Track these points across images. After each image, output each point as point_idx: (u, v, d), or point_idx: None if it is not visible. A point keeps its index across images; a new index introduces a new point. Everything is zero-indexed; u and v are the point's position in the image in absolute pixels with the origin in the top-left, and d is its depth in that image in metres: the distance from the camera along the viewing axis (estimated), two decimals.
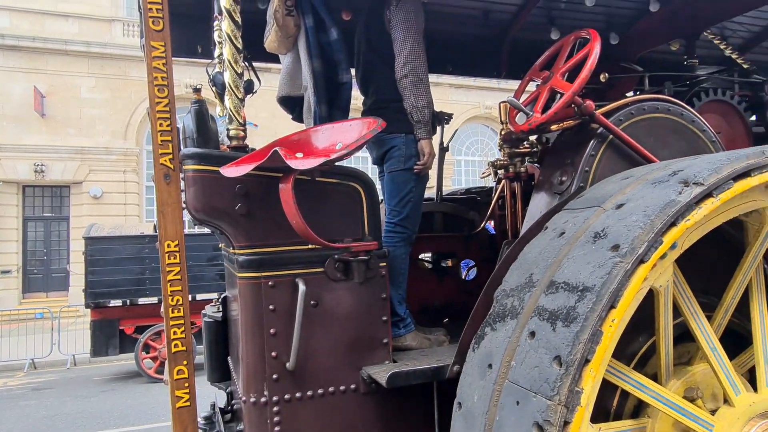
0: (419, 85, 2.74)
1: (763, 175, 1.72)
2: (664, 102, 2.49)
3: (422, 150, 2.79)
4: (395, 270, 2.81)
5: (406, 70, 2.73)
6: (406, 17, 2.75)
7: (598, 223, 1.77)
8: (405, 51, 2.74)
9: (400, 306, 2.80)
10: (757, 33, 4.39)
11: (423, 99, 2.75)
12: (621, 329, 1.59)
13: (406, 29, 2.74)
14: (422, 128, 2.78)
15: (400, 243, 2.85)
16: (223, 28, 2.24)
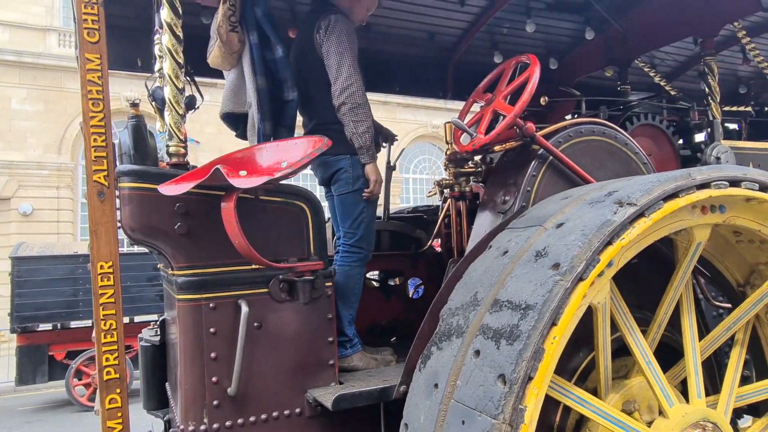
0: (357, 111, 2.70)
1: (690, 196, 1.82)
2: (600, 125, 2.60)
3: (368, 176, 2.76)
4: (349, 290, 2.79)
5: (343, 98, 2.69)
6: (338, 42, 2.71)
7: (540, 242, 1.81)
8: (340, 78, 2.70)
9: (349, 327, 2.77)
10: (683, 62, 4.70)
11: (362, 125, 2.70)
12: (562, 346, 1.62)
13: (339, 55, 2.70)
14: (365, 153, 2.75)
15: (356, 263, 2.84)
16: (163, 42, 2.17)
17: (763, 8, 3.09)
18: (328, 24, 2.74)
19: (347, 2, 2.97)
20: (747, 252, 2.27)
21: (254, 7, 2.61)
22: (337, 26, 2.73)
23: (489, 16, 3.74)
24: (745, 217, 2.03)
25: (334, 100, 2.74)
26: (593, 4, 3.59)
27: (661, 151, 3.37)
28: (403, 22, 3.79)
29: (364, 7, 3.04)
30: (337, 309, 2.62)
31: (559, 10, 3.80)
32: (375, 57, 4.04)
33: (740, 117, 4.06)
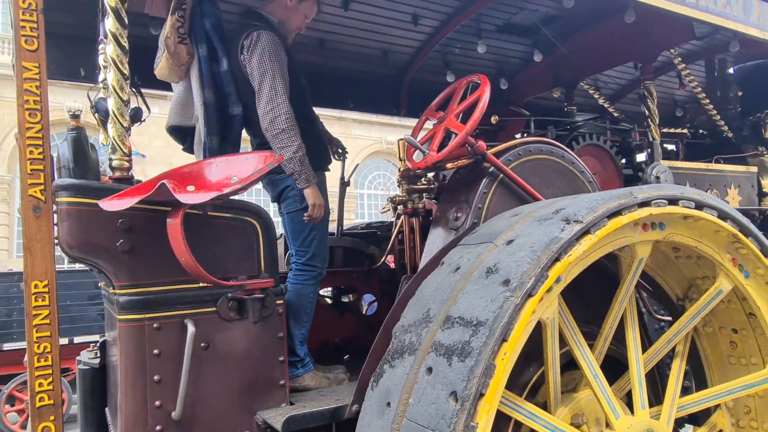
0: (281, 136, 2.55)
1: (632, 214, 1.89)
2: (548, 144, 2.67)
3: (307, 200, 2.64)
4: (301, 309, 2.73)
5: (266, 123, 2.57)
6: (259, 63, 2.58)
7: (491, 258, 1.83)
8: (262, 102, 2.57)
9: (301, 346, 2.71)
10: (624, 86, 4.93)
11: (287, 151, 2.54)
12: (513, 361, 1.64)
13: (261, 76, 2.57)
14: (298, 178, 2.60)
15: (308, 281, 2.78)
16: (108, 52, 2.10)
17: (695, 37, 3.28)
18: (250, 43, 2.62)
19: (283, 15, 2.87)
20: (685, 267, 2.37)
21: (203, 19, 2.56)
22: (258, 44, 2.60)
23: (441, 36, 3.81)
24: (682, 234, 2.12)
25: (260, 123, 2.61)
26: (541, 27, 3.73)
27: (605, 170, 3.50)
28: (357, 39, 3.81)
29: (301, 15, 2.94)
30: (289, 328, 2.56)
31: (509, 32, 3.92)
32: (330, 73, 4.04)
33: (677, 138, 4.28)
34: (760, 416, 2.39)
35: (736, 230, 2.13)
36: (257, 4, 3.25)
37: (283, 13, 2.87)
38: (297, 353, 2.65)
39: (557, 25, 3.75)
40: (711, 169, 3.72)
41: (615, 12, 3.14)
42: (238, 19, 2.92)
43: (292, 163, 2.57)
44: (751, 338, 2.35)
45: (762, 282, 2.25)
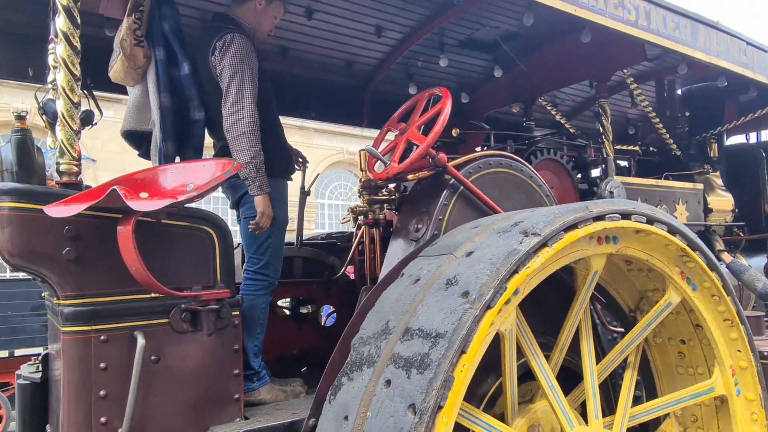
0: (240, 140, 2.53)
1: (587, 227, 1.93)
2: (507, 158, 2.72)
3: (256, 208, 2.59)
4: (254, 320, 2.66)
5: (227, 125, 2.54)
6: (230, 64, 2.56)
7: (450, 270, 1.84)
8: (227, 103, 2.55)
9: (255, 358, 2.64)
10: (580, 103, 5.08)
11: (244, 155, 2.52)
12: (471, 373, 1.64)
13: (230, 78, 2.55)
14: (251, 184, 2.56)
15: (260, 291, 2.72)
16: (58, 52, 2.01)
17: (647, 59, 3.42)
18: (222, 44, 2.60)
19: (253, 19, 2.86)
20: (637, 280, 2.44)
21: (162, 22, 2.50)
22: (231, 46, 2.58)
23: (404, 48, 3.84)
24: (635, 247, 2.18)
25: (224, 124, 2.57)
26: (501, 44, 3.81)
27: (562, 184, 3.58)
28: (321, 48, 3.80)
29: (271, 17, 2.93)
30: (242, 340, 2.50)
31: (471, 47, 3.98)
32: (292, 82, 4.00)
33: (629, 155, 4.43)
34: (705, 424, 2.47)
35: (684, 244, 2.21)
36: (221, 9, 3.21)
37: (253, 17, 2.86)
38: (252, 366, 2.59)
39: (517, 42, 3.84)
40: (661, 186, 3.87)
41: (572, 32, 3.24)
42: (209, 22, 2.89)
43: (247, 168, 2.54)
44: (697, 349, 2.44)
45: (708, 294, 2.34)
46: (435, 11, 3.51)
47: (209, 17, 3.30)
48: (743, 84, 4.04)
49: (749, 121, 4.74)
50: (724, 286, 2.32)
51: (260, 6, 2.85)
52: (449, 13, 3.46)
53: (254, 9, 2.84)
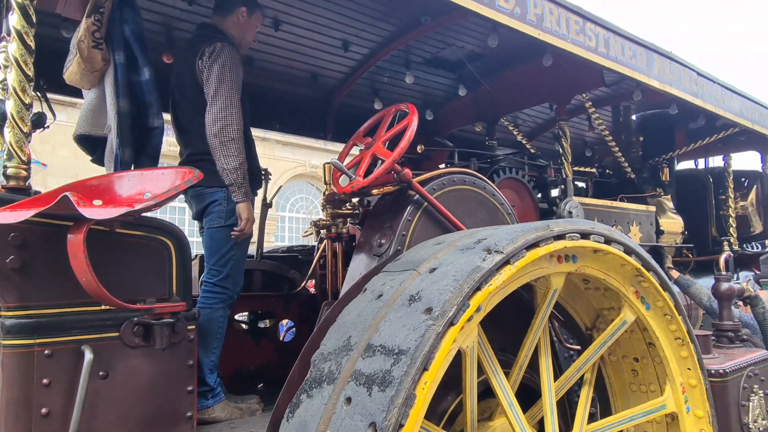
0: (229, 145, 2.58)
1: (548, 246, 1.96)
2: (471, 176, 2.75)
3: (239, 214, 2.64)
4: (211, 334, 2.59)
5: (215, 129, 2.58)
6: (220, 71, 2.61)
7: (414, 286, 1.83)
8: (215, 108, 2.59)
9: (210, 374, 2.56)
10: (540, 125, 5.22)
11: (233, 160, 2.59)
12: (433, 391, 1.62)
13: (218, 83, 2.60)
14: (237, 191, 2.63)
15: (218, 305, 2.65)
16: (10, 51, 1.92)
17: (605, 84, 3.54)
18: (213, 50, 2.64)
19: (237, 31, 2.89)
20: (594, 298, 2.49)
21: (123, 25, 2.43)
22: (222, 54, 2.63)
23: (371, 63, 3.86)
24: (592, 266, 2.23)
25: (206, 129, 2.61)
26: (466, 64, 3.88)
27: (523, 203, 3.65)
28: (287, 60, 3.78)
29: (253, 28, 2.99)
30: (197, 355, 2.42)
31: (436, 66, 4.04)
32: (256, 92, 3.95)
33: (587, 177, 4.56)
34: None
35: (639, 264, 2.27)
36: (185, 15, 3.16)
37: (237, 30, 2.89)
38: (207, 382, 2.50)
39: (481, 63, 3.92)
40: (616, 207, 3.99)
41: (535, 55, 3.33)
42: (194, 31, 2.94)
43: (235, 174, 2.59)
44: (650, 367, 2.50)
45: (660, 314, 2.40)
46: (402, 28, 3.55)
47: (172, 23, 3.25)
48: (693, 112, 4.24)
49: (698, 148, 4.97)
50: (676, 305, 2.39)
51: (242, 18, 2.89)
52: (416, 31, 3.51)
53: (237, 21, 2.88)
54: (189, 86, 2.72)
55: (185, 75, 2.74)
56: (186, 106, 2.77)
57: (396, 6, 3.29)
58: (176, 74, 2.87)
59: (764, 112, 4.61)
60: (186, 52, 2.81)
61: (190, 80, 2.71)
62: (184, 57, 2.82)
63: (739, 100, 4.28)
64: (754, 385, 2.97)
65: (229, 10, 2.87)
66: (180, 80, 2.80)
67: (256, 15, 2.95)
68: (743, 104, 4.33)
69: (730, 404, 2.81)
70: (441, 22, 3.32)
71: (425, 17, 3.27)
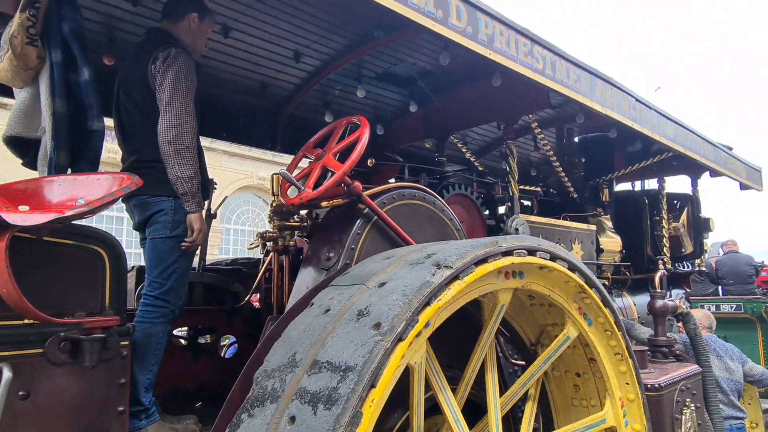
0: (184, 153, 2.52)
1: (497, 262, 1.97)
2: (421, 191, 2.75)
3: (191, 225, 2.57)
4: (148, 351, 2.45)
5: (170, 136, 2.50)
6: (175, 77, 2.54)
7: (362, 300, 1.79)
8: (169, 114, 2.51)
9: (146, 393, 2.41)
10: (489, 143, 5.33)
11: (189, 169, 2.53)
12: (380, 408, 1.58)
13: (173, 90, 2.53)
14: (190, 201, 2.55)
15: (159, 319, 2.52)
16: None
17: (551, 106, 3.66)
18: (167, 56, 2.56)
19: (189, 37, 2.82)
20: (539, 314, 2.53)
21: (61, 22, 2.29)
22: (177, 61, 2.56)
23: (322, 76, 3.83)
24: (538, 282, 2.26)
25: (159, 136, 2.51)
26: (418, 80, 3.91)
27: (471, 219, 3.69)
28: (236, 68, 3.69)
29: (204, 35, 2.92)
30: (133, 373, 2.28)
31: (387, 81, 4.06)
32: (203, 99, 3.84)
33: (532, 195, 4.69)
34: None
35: (582, 281, 2.32)
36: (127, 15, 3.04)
37: (189, 36, 2.82)
38: (141, 402, 2.36)
39: (433, 80, 3.97)
40: (559, 225, 4.11)
41: (485, 75, 3.40)
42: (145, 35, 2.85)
43: (190, 183, 2.52)
44: (591, 382, 2.55)
45: (602, 329, 2.47)
46: (355, 42, 3.55)
47: (116, 23, 3.11)
48: (631, 136, 4.45)
49: (635, 171, 5.21)
50: (616, 321, 2.46)
51: (194, 24, 2.82)
52: (369, 46, 3.51)
53: (188, 27, 2.81)
54: (139, 90, 2.63)
55: (135, 78, 2.65)
56: (134, 111, 2.66)
57: (349, 19, 3.29)
58: (123, 77, 2.75)
59: (695, 138, 4.90)
60: (136, 55, 2.72)
61: (141, 84, 2.61)
62: (133, 60, 2.72)
63: (673, 126, 4.53)
64: (687, 399, 3.10)
65: (180, 16, 2.78)
66: (128, 84, 2.70)
67: (207, 21, 2.89)
68: (677, 130, 4.58)
69: (665, 417, 2.91)
70: (394, 37, 3.34)
71: (378, 32, 3.28)
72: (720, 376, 4.70)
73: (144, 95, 2.61)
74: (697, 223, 5.78)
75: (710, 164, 5.21)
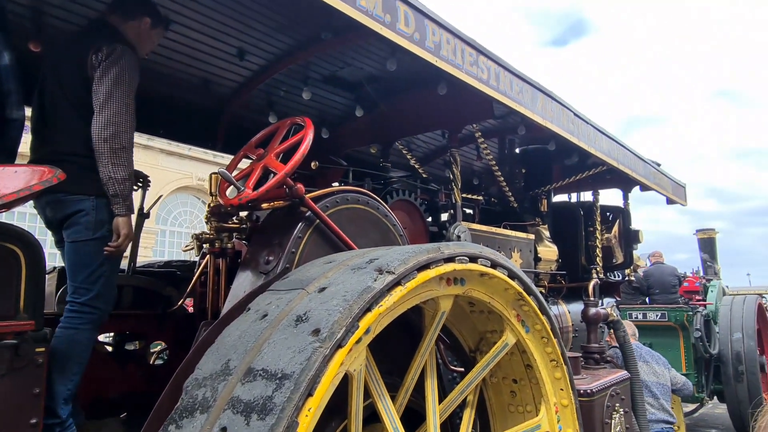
0: (120, 153, 2.40)
1: (439, 268, 1.97)
2: (365, 195, 2.72)
3: (117, 228, 2.43)
4: (72, 359, 2.29)
5: (107, 134, 2.37)
6: (118, 73, 2.42)
7: (301, 306, 1.74)
8: (108, 111, 2.38)
9: (64, 405, 2.24)
10: (433, 151, 5.38)
11: (123, 170, 2.41)
12: (317, 418, 1.53)
13: (114, 85, 2.41)
14: (120, 203, 2.43)
15: (85, 326, 2.37)
16: None
17: (494, 116, 3.73)
18: (112, 51, 2.44)
19: (136, 38, 2.71)
20: (478, 321, 2.55)
21: None
22: (123, 58, 2.46)
23: (267, 75, 3.74)
24: (479, 290, 2.28)
25: (93, 132, 2.38)
26: (365, 85, 3.89)
27: (414, 225, 3.70)
28: (176, 63, 3.54)
29: (152, 41, 2.86)
30: (51, 383, 2.13)
31: (334, 84, 4.01)
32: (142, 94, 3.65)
33: (474, 204, 4.76)
34: None
35: (521, 289, 2.36)
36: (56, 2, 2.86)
37: (136, 37, 2.72)
38: (57, 414, 2.19)
39: (379, 86, 3.96)
40: (499, 234, 4.19)
41: (431, 83, 3.42)
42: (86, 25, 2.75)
43: (123, 185, 2.41)
44: (527, 388, 2.60)
45: (538, 336, 2.52)
46: (302, 43, 3.48)
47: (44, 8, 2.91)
48: (568, 149, 4.61)
49: (572, 183, 5.40)
50: (552, 328, 2.52)
51: (145, 26, 2.75)
52: (316, 47, 3.46)
53: (138, 28, 2.74)
54: (71, 78, 2.48)
55: (69, 66, 2.50)
56: (60, 99, 2.50)
57: (296, 19, 3.22)
58: (54, 63, 2.59)
59: (627, 153, 5.14)
60: (75, 42, 2.58)
61: (76, 72, 2.47)
62: (70, 47, 2.58)
63: (607, 140, 4.73)
64: (616, 404, 3.22)
65: (131, 15, 2.69)
66: (58, 70, 2.54)
67: (158, 29, 2.83)
68: (611, 145, 4.79)
69: (596, 422, 3.00)
70: (342, 40, 3.30)
71: (326, 33, 3.23)
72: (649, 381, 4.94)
73: (76, 84, 2.47)
74: (628, 234, 6.06)
75: (640, 179, 5.48)
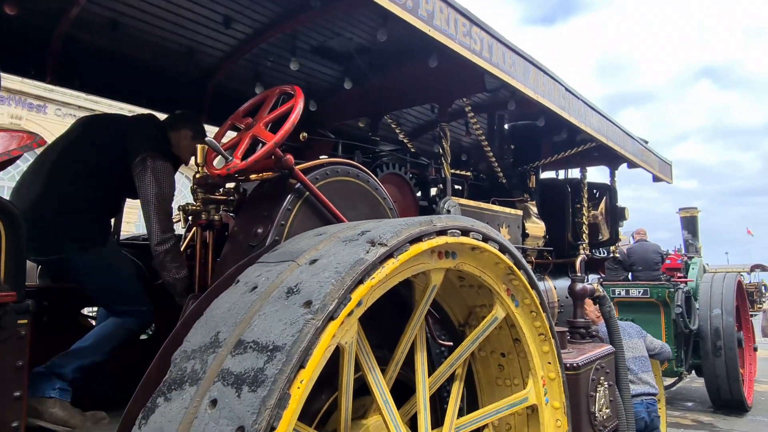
0: (177, 256, 2.75)
1: (431, 241, 1.94)
2: (355, 168, 2.67)
3: None
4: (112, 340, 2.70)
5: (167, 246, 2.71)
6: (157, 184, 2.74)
7: (292, 278, 1.71)
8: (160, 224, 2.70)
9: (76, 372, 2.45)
10: (422, 125, 5.33)
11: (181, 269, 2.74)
12: (308, 390, 1.52)
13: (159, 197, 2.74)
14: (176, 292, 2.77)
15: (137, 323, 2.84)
16: None
17: (486, 89, 3.67)
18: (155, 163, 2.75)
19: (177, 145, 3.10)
20: (468, 295, 2.55)
21: None
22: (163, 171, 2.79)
23: (254, 44, 3.64)
24: (470, 263, 2.27)
25: (152, 241, 2.71)
26: (354, 56, 3.81)
27: (404, 199, 3.66)
28: (160, 30, 3.42)
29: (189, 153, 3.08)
30: (81, 350, 2.49)
31: (322, 55, 3.92)
32: (122, 61, 3.55)
33: (463, 179, 4.74)
34: None
35: (512, 263, 2.36)
36: None
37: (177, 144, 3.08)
38: (64, 375, 2.36)
39: (369, 57, 3.87)
40: (488, 209, 4.18)
41: (422, 55, 3.35)
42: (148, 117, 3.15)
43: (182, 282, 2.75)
44: (515, 361, 2.62)
45: (527, 310, 2.52)
46: (289, 11, 3.38)
47: None
48: (557, 125, 4.58)
49: (560, 159, 5.40)
50: (541, 303, 2.52)
51: (185, 140, 3.06)
52: (304, 17, 3.36)
53: (180, 137, 3.06)
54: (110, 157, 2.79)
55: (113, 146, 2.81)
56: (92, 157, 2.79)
57: None
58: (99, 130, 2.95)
59: (616, 130, 5.13)
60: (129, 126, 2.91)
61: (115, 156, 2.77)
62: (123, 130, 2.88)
63: (598, 117, 4.71)
64: (601, 377, 3.26)
65: (177, 127, 3.06)
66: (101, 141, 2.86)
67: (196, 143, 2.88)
68: (600, 121, 4.77)
69: (581, 395, 3.04)
70: (331, 8, 3.21)
71: (315, 1, 3.14)
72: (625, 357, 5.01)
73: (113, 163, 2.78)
74: (614, 211, 6.10)
75: (628, 156, 5.49)
